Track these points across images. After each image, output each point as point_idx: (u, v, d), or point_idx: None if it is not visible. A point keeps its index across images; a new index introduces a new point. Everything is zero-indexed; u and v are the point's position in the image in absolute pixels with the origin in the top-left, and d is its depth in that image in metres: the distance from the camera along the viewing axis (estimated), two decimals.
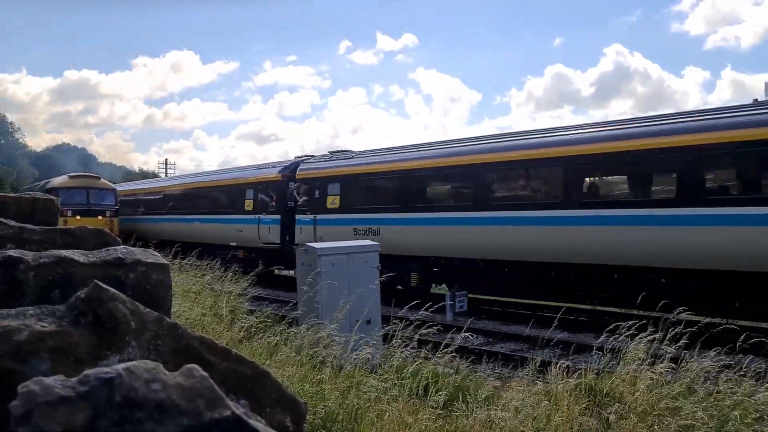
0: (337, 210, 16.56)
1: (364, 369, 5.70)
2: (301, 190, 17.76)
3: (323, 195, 17.02)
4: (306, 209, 17.34)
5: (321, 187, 17.15)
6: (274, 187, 18.90)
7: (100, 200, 24.96)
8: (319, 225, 16.79)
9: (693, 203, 10.13)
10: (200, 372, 0.87)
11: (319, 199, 17.11)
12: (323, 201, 16.98)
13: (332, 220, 16.51)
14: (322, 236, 15.90)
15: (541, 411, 5.02)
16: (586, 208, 11.42)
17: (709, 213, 9.92)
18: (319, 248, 8.49)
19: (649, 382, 5.46)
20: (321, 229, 16.65)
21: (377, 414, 4.75)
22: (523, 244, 12.19)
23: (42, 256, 1.53)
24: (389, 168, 15.56)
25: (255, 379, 1.21)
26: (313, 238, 16.10)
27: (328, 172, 17.29)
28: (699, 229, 9.94)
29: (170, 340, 1.16)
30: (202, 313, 7.92)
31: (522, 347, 10.64)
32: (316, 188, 17.31)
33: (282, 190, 18.58)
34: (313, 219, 16.97)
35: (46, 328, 1.10)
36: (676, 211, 10.23)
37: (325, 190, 17.02)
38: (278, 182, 18.76)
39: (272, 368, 5.37)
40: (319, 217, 16.90)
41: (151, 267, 1.59)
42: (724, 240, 9.63)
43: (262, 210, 18.91)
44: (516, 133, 14.08)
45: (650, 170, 11.29)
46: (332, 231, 15.86)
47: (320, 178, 17.39)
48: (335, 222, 16.38)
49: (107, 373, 0.83)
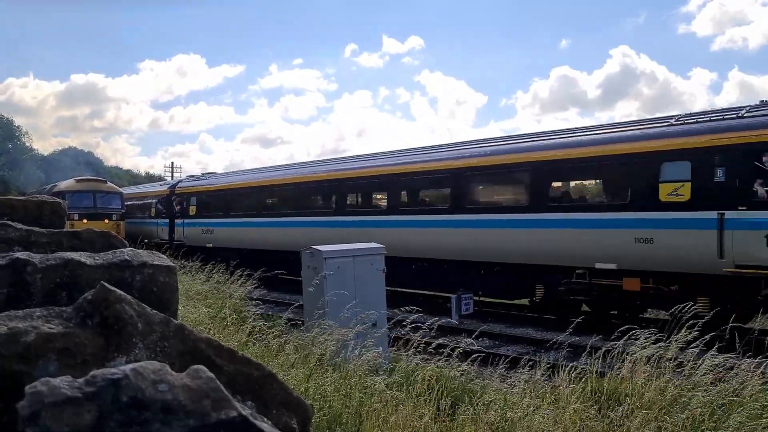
0: (194, 216, 23.81)
1: (370, 371, 5.70)
2: (175, 202, 25.31)
3: (187, 205, 24.43)
4: (179, 215, 24.85)
5: (186, 200, 24.63)
6: (164, 199, 26.55)
7: (107, 203, 25.12)
8: (186, 227, 24.10)
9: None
10: (207, 373, 0.87)
11: (185, 208, 24.51)
12: (187, 209, 24.37)
13: (191, 223, 23.76)
14: (187, 234, 23.76)
15: (548, 414, 5.01)
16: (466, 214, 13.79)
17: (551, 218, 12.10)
18: (324, 251, 8.48)
19: (655, 381, 5.44)
20: (187, 229, 24.00)
21: (383, 417, 4.74)
22: None
23: (49, 259, 1.54)
24: (217, 188, 23.26)
25: (261, 380, 1.21)
26: (183, 235, 23.99)
27: (189, 189, 24.99)
28: (540, 231, 12.03)
29: (177, 342, 1.16)
30: (208, 315, 7.94)
31: (528, 349, 10.62)
32: (184, 200, 24.77)
33: (169, 201, 26.01)
34: (183, 222, 24.43)
35: (54, 330, 1.11)
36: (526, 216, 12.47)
37: (189, 202, 24.42)
38: (167, 196, 26.45)
39: (276, 369, 5.38)
40: (186, 221, 24.21)
41: (158, 269, 1.59)
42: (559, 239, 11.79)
43: (158, 215, 26.82)
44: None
45: (507, 181, 13.82)
46: (191, 231, 23.60)
47: (185, 193, 24.92)
48: (193, 224, 23.62)
49: (114, 373, 0.83)
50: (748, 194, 9.67)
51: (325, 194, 18.03)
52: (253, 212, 20.42)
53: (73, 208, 23.26)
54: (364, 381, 5.30)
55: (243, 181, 22.19)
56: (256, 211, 20.27)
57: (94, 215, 23.98)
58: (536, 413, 5.03)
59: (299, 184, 18.74)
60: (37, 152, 54.69)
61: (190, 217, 23.90)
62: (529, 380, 6.16)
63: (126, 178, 61.29)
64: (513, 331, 12.43)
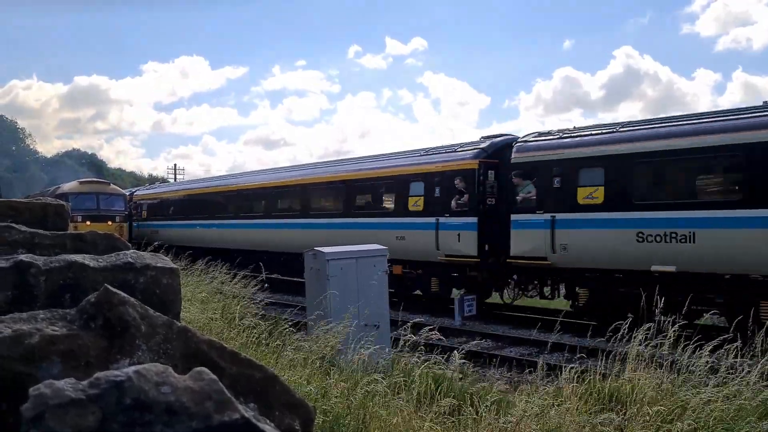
0: (145, 219, 28.51)
1: (373, 373, 5.69)
2: (132, 207, 28.36)
3: (141, 210, 29.13)
4: (135, 218, 29.25)
5: (140, 206, 29.34)
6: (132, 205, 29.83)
7: (110, 205, 25.15)
8: (140, 227, 28.19)
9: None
10: (210, 375, 0.88)
11: (139, 212, 29.15)
12: (141, 213, 29.09)
13: (144, 225, 28.05)
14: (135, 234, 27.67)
15: (551, 416, 5.00)
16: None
17: None
18: (327, 252, 8.49)
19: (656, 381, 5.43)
20: (140, 230, 27.88)
21: (384, 420, 4.74)
22: None
23: (53, 261, 1.55)
24: (154, 195, 29.35)
25: (264, 382, 1.21)
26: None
27: (140, 197, 30.14)
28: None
29: (180, 344, 1.16)
30: (211, 317, 7.94)
31: (531, 351, 10.60)
32: (138, 206, 29.53)
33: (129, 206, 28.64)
34: (137, 224, 28.78)
35: (57, 332, 1.11)
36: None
37: (141, 207, 29.16)
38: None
39: (279, 370, 5.38)
40: (140, 223, 28.56)
41: (161, 271, 1.60)
42: None
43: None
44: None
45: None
46: (145, 231, 26.55)
47: (138, 201, 29.66)
48: (145, 226, 27.78)
49: (117, 376, 0.83)
50: (449, 206, 13.78)
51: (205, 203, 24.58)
52: (179, 216, 26.05)
53: (77, 210, 23.31)
54: (366, 383, 5.30)
55: (169, 191, 29.36)
56: (182, 215, 25.93)
57: (98, 217, 24.01)
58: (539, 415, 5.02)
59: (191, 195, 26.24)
60: (41, 155, 54.85)
61: (143, 220, 28.87)
62: (532, 382, 6.15)
63: (129, 180, 61.43)
64: (515, 332, 12.41)
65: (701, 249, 9.88)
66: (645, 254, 10.48)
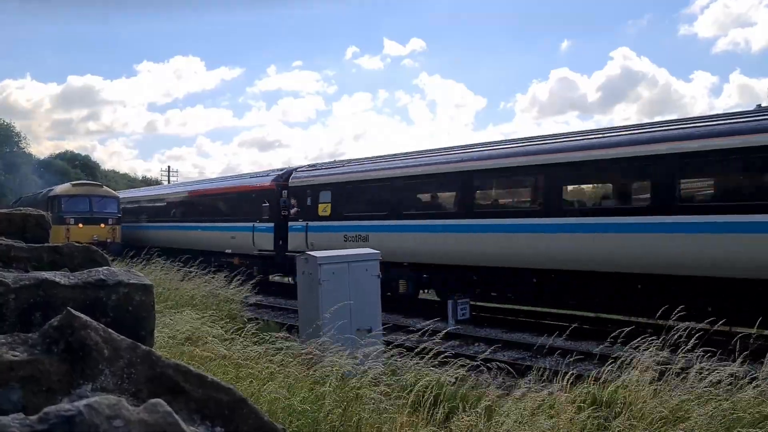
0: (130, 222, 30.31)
1: (364, 379, 5.66)
2: None
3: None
4: None
5: None
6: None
7: (103, 208, 25.02)
8: None
9: None
10: (164, 408, 0.85)
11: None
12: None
13: (128, 226, 28.43)
14: None
15: (544, 421, 4.98)
16: None
17: None
18: (319, 257, 8.46)
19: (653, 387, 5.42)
20: None
21: (377, 427, 4.71)
22: None
23: (23, 279, 1.52)
24: (137, 197, 31.41)
25: (232, 406, 1.19)
26: None
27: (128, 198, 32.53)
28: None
29: (144, 368, 1.14)
30: (202, 323, 7.89)
31: (524, 355, 10.58)
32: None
33: None
34: None
35: (17, 357, 1.08)
36: None
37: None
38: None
39: (272, 378, 5.35)
40: None
41: (134, 288, 1.57)
42: None
43: None
44: None
45: None
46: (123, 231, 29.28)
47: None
48: (129, 227, 28.46)
49: (68, 410, 0.81)
50: (261, 214, 19.64)
51: None
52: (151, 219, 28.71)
53: (69, 212, 23.21)
54: (358, 389, 5.27)
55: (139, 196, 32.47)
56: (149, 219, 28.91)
57: (90, 219, 23.91)
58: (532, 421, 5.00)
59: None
60: (33, 157, 54.54)
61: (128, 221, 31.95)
62: (525, 387, 6.13)
63: (123, 181, 61.16)
64: (509, 336, 12.40)
65: (372, 243, 14.53)
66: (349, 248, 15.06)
